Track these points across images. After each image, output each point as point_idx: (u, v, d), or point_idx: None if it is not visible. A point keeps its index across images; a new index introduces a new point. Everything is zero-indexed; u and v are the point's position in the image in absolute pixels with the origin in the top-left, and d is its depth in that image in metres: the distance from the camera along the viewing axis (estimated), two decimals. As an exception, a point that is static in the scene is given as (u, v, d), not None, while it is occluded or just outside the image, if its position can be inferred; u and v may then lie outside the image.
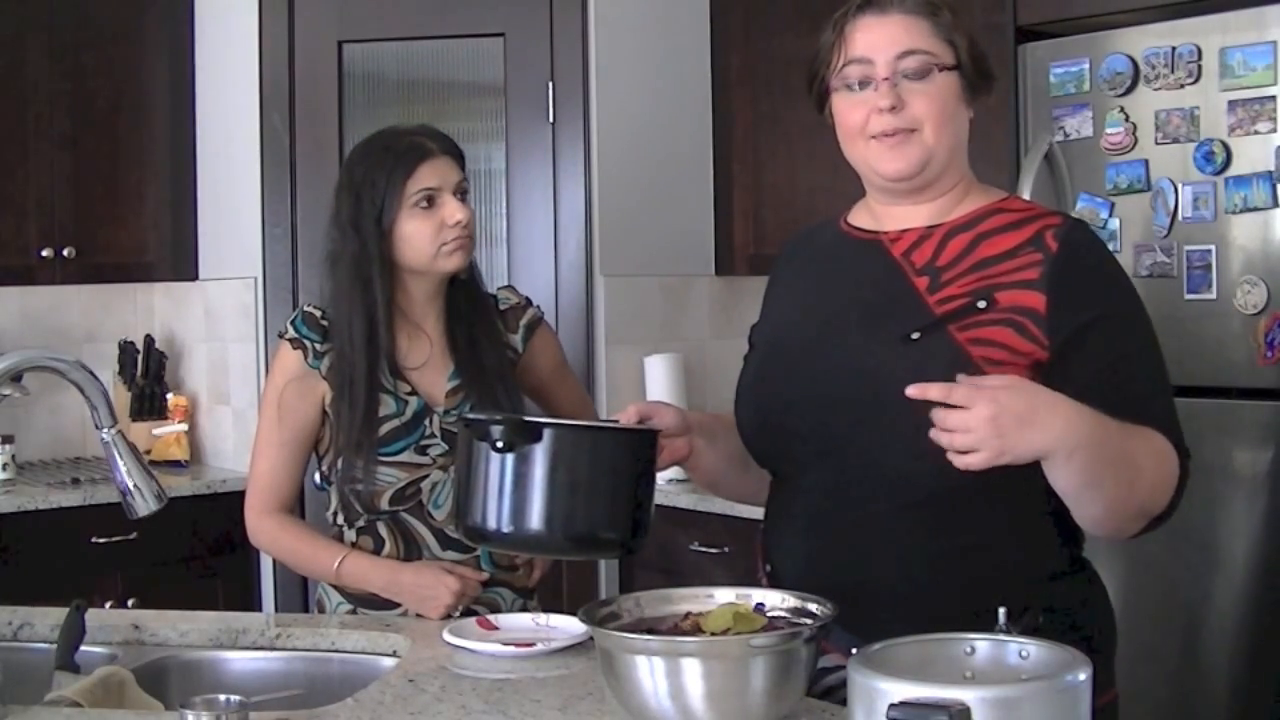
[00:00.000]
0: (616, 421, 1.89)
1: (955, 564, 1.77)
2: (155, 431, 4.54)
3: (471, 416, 1.85)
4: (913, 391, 1.59)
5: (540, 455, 1.76)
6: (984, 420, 1.56)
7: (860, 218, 1.96)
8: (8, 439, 4.27)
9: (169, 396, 4.62)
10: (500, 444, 1.76)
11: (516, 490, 1.77)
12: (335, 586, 2.46)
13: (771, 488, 1.98)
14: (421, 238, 2.38)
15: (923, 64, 1.83)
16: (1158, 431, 1.74)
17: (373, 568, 2.40)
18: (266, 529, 2.48)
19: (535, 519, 1.78)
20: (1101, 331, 1.77)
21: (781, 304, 2.05)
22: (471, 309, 2.50)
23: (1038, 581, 1.79)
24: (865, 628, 1.56)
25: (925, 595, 1.75)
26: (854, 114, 1.87)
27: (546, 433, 1.77)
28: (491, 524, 1.80)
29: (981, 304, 1.78)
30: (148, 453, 4.34)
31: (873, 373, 1.79)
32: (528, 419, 1.80)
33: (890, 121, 1.83)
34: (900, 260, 1.87)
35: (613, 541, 1.82)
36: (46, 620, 2.24)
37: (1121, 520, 1.74)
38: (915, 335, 1.78)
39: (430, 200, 2.39)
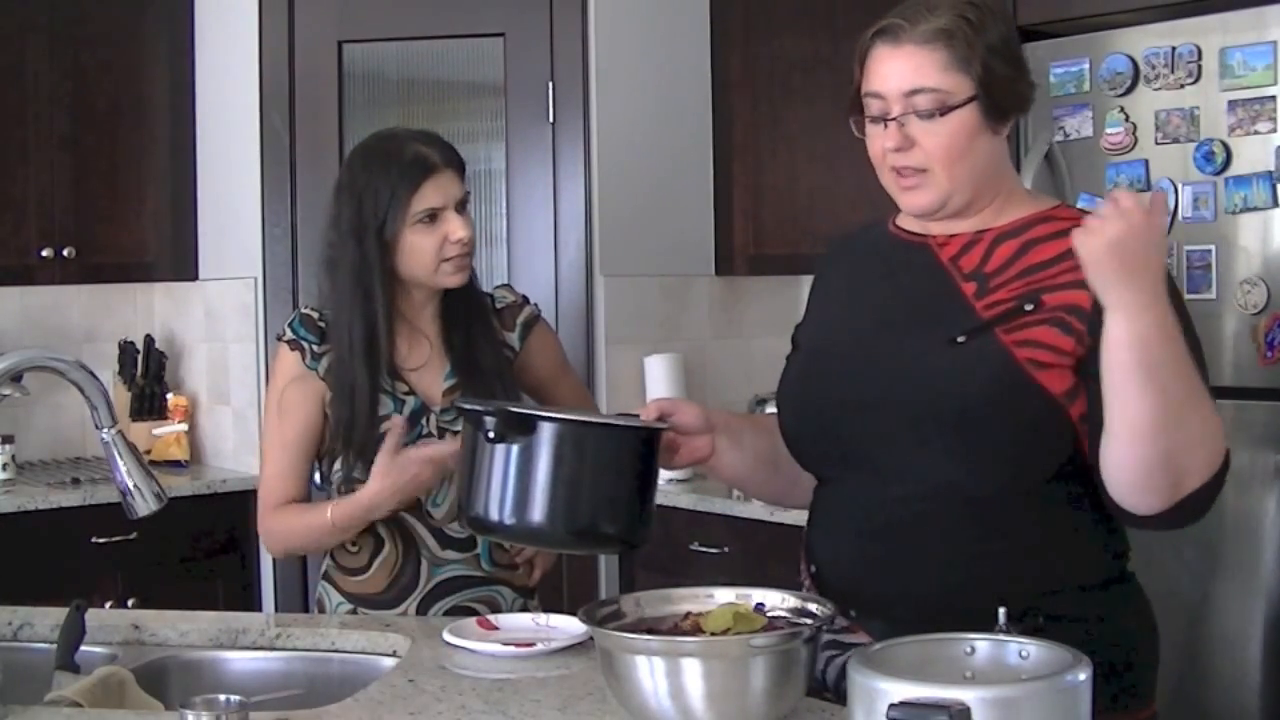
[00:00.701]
0: (636, 416, 1.89)
1: (1001, 568, 1.76)
2: (155, 431, 4.54)
3: (468, 405, 1.85)
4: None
5: (541, 448, 1.77)
6: (1115, 229, 1.56)
7: (908, 220, 1.95)
8: (8, 439, 4.27)
9: (169, 396, 4.62)
10: (492, 434, 1.76)
11: (518, 482, 1.78)
12: (336, 586, 2.46)
13: (815, 491, 1.96)
14: (423, 253, 2.37)
15: (933, 103, 1.78)
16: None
17: (355, 501, 2.37)
18: (270, 526, 2.47)
19: (537, 511, 1.78)
20: None
21: (826, 305, 2.03)
22: (467, 309, 2.49)
23: (1081, 589, 1.78)
24: (910, 631, 1.53)
25: (971, 599, 1.69)
26: (875, 144, 1.86)
27: (548, 426, 1.77)
28: (494, 515, 1.80)
29: (1029, 307, 1.77)
30: (148, 453, 4.34)
31: (917, 375, 1.79)
32: (519, 410, 1.81)
33: (901, 159, 1.82)
34: (948, 264, 1.86)
35: (613, 537, 1.83)
36: (46, 620, 2.24)
37: (1156, 479, 1.66)
38: (961, 339, 1.77)
39: (433, 217, 2.38)
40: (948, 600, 1.75)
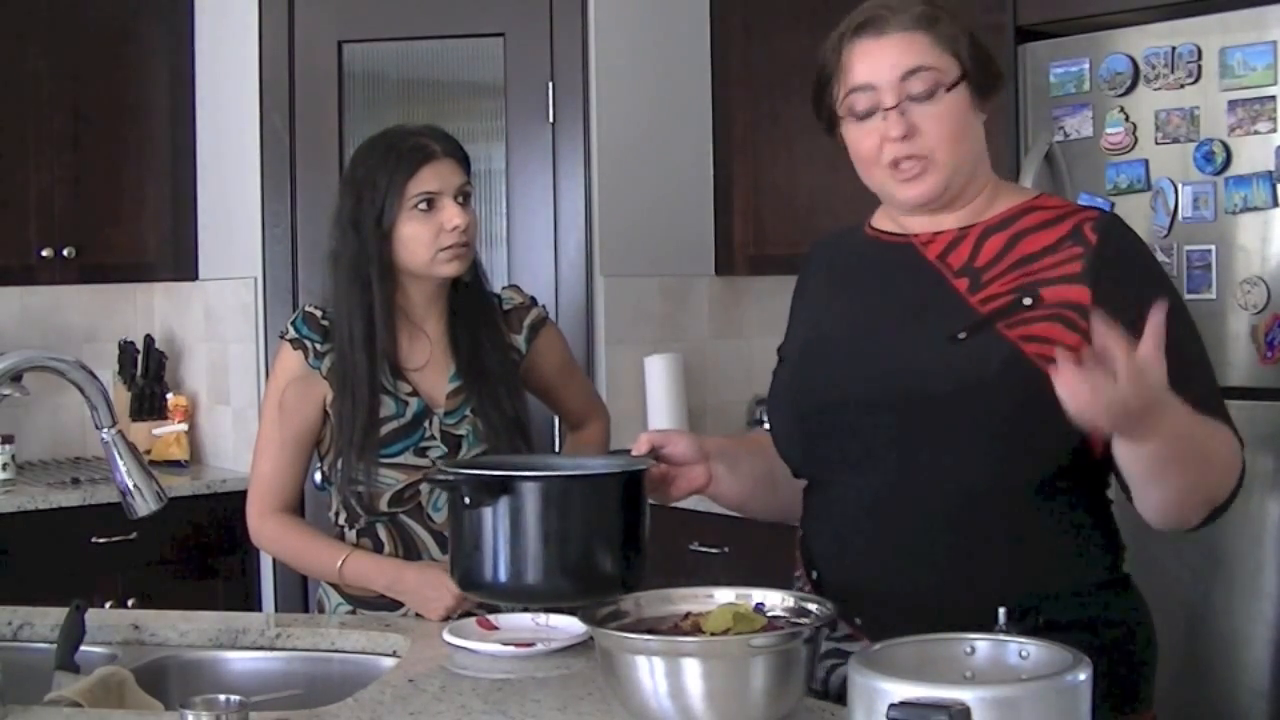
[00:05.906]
0: (628, 451, 1.88)
1: (1000, 568, 1.75)
2: (155, 431, 4.54)
3: (439, 477, 1.84)
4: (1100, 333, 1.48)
5: (523, 508, 1.75)
6: (1123, 394, 1.48)
7: (885, 222, 1.93)
8: (8, 439, 4.27)
9: (169, 396, 4.62)
10: (469, 500, 1.76)
11: (506, 544, 1.77)
12: (335, 587, 2.46)
13: (808, 495, 1.95)
14: (419, 241, 2.38)
15: (929, 83, 1.78)
16: (1220, 421, 1.72)
17: (376, 567, 2.39)
18: (269, 530, 2.47)
19: (529, 571, 1.77)
20: None
21: (811, 312, 2.01)
22: (474, 311, 2.49)
23: (1083, 590, 1.77)
24: (913, 632, 1.51)
25: (970, 600, 1.68)
26: (866, 142, 1.84)
27: (527, 486, 1.75)
28: (487, 576, 1.79)
29: (1027, 300, 1.76)
30: (148, 453, 4.34)
31: (919, 374, 1.77)
32: (491, 474, 1.78)
33: (903, 149, 1.80)
34: (936, 263, 1.84)
35: (609, 583, 1.78)
36: (46, 620, 2.24)
37: (1189, 508, 1.71)
38: (961, 335, 1.76)
39: (430, 203, 2.38)
40: (950, 600, 1.73)
